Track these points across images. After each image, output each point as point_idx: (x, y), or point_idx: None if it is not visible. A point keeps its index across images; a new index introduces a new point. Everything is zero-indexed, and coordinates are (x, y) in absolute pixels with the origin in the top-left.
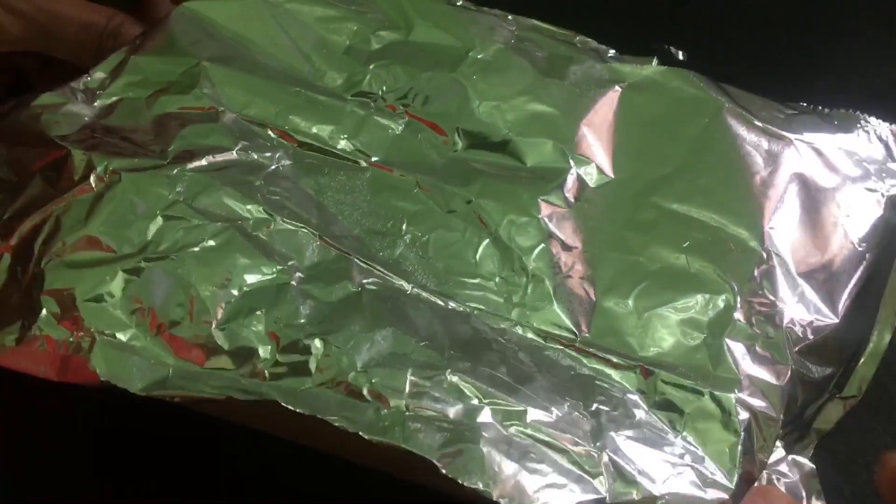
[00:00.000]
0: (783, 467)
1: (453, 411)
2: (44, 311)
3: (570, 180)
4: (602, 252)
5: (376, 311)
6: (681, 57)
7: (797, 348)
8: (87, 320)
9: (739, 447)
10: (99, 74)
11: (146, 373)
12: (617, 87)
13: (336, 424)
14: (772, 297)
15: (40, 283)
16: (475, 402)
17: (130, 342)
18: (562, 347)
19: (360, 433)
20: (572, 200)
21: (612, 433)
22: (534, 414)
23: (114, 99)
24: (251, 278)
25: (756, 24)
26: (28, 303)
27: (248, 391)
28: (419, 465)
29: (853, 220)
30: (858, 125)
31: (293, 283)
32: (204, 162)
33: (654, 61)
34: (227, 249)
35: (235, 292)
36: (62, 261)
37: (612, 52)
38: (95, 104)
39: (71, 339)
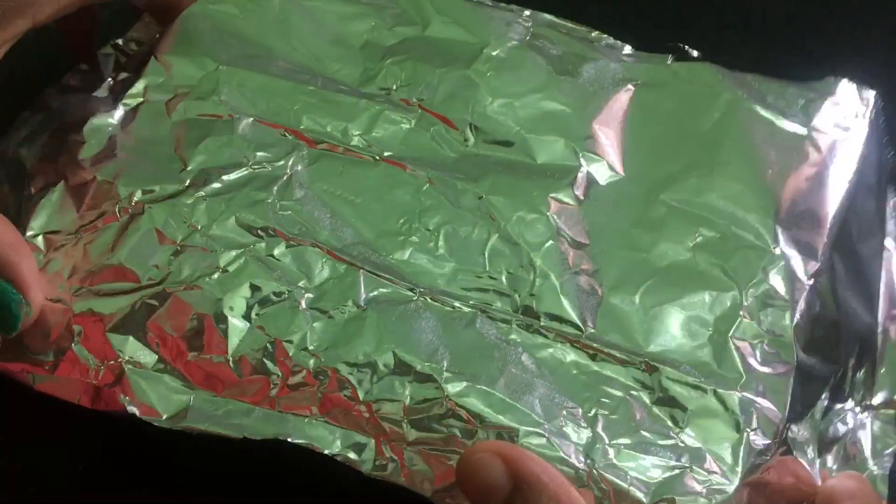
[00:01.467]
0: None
1: (449, 438)
2: (76, 340)
3: (580, 178)
4: (610, 249)
5: (381, 329)
6: (695, 54)
7: (802, 346)
8: (116, 349)
9: (742, 445)
10: (122, 74)
11: (169, 403)
12: (630, 86)
13: (339, 460)
14: (779, 296)
15: (71, 312)
16: (469, 426)
17: (155, 371)
18: (567, 343)
19: (362, 471)
20: (582, 198)
21: (606, 445)
22: (525, 433)
23: (136, 102)
24: (263, 305)
25: (773, 23)
26: (60, 332)
27: (263, 424)
28: None
29: (863, 217)
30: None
31: (302, 305)
32: (219, 183)
33: (669, 59)
34: (242, 276)
35: (249, 320)
36: (91, 290)
37: (627, 48)
38: (119, 108)
39: (102, 368)
